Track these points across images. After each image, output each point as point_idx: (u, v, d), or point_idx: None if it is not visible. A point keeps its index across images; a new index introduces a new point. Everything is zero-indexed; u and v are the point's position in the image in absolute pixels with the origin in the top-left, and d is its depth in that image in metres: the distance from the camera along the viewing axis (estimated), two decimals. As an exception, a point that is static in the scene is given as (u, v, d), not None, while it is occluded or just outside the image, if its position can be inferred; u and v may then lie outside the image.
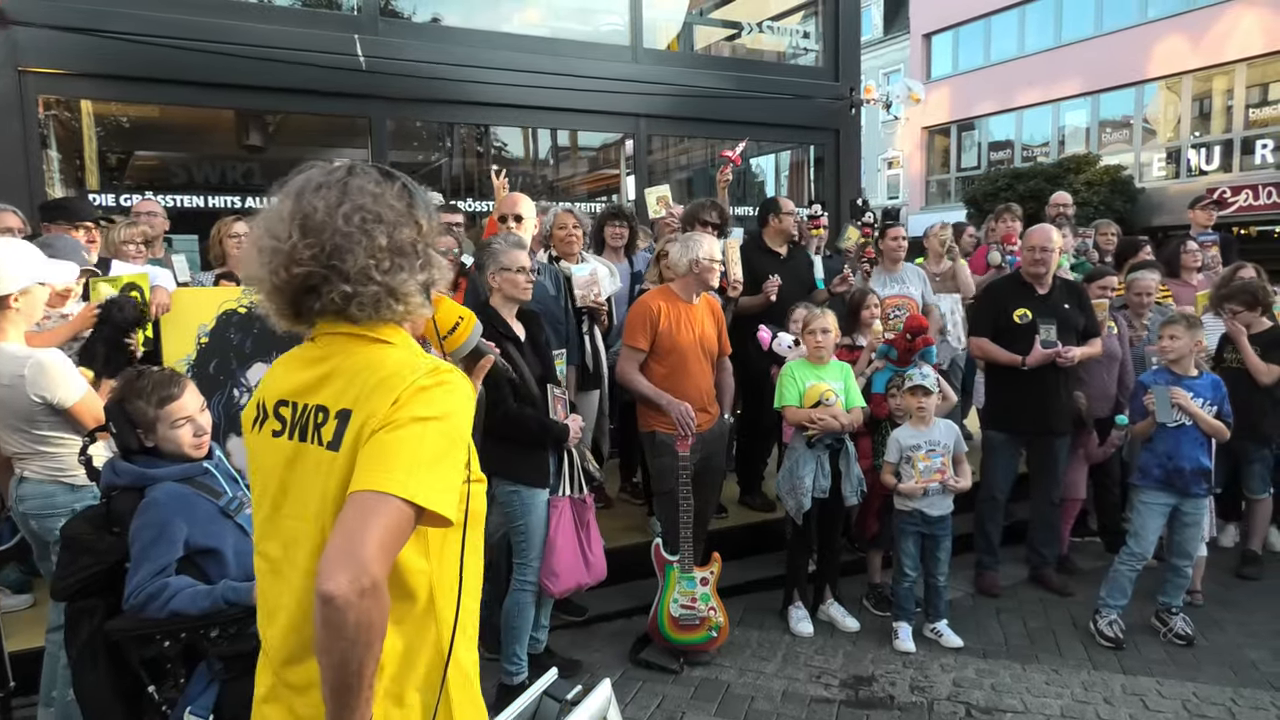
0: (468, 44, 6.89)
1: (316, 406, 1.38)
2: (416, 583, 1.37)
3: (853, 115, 8.67)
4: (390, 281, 1.36)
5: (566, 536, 3.68)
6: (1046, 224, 5.27)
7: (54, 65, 5.59)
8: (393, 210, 1.38)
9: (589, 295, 4.62)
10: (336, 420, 1.34)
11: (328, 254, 1.33)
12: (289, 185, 1.40)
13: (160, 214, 5.23)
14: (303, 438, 1.39)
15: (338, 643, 1.16)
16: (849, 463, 4.35)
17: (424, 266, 1.41)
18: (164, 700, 2.31)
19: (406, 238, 1.38)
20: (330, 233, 1.33)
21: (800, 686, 3.95)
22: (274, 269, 1.36)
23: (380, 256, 1.35)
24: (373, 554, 1.17)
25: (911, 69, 26.95)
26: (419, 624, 1.38)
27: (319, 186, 1.37)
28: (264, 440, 1.46)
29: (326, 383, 1.38)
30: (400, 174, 1.44)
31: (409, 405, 1.29)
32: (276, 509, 1.43)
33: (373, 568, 1.16)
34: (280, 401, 1.44)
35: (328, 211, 1.34)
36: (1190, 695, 3.85)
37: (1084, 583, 4.99)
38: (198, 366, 4.21)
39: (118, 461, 2.46)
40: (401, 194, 1.41)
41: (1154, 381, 4.38)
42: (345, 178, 1.38)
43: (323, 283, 1.34)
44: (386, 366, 1.34)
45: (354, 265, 1.34)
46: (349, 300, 1.35)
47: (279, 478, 1.42)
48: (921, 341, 4.72)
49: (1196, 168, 20.38)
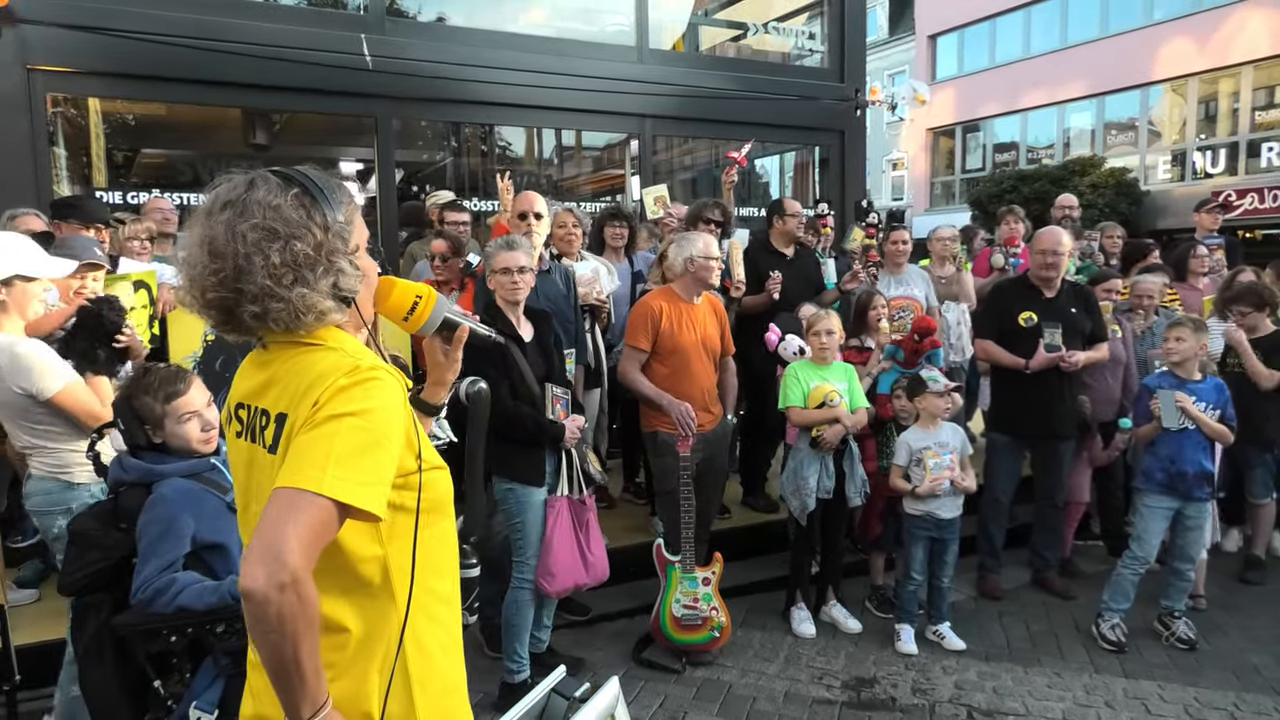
0: (473, 44, 6.90)
1: (261, 410, 1.43)
2: (369, 569, 1.41)
3: (858, 116, 8.66)
4: (290, 296, 1.35)
5: (564, 536, 3.68)
6: (1056, 227, 5.26)
7: (62, 63, 5.61)
8: (287, 223, 1.36)
9: (590, 293, 4.63)
10: (275, 424, 1.39)
11: (232, 278, 1.35)
12: (203, 204, 1.41)
13: (171, 212, 5.25)
14: (253, 439, 1.45)
15: (267, 635, 1.20)
16: (854, 463, 4.35)
17: (326, 273, 1.38)
18: (170, 695, 2.33)
19: (302, 250, 1.36)
20: (230, 256, 1.34)
21: (802, 688, 3.95)
22: (193, 293, 1.40)
23: (278, 274, 1.34)
24: (290, 548, 1.19)
25: (917, 70, 26.96)
26: (378, 608, 1.42)
27: (224, 205, 1.37)
28: (231, 441, 1.53)
29: (269, 387, 1.42)
30: (302, 175, 1.42)
31: (327, 405, 1.31)
32: (246, 508, 1.50)
33: (290, 561, 1.18)
34: (239, 404, 1.49)
35: (228, 233, 1.35)
36: (1192, 700, 3.85)
37: (1086, 586, 4.99)
38: (204, 363, 4.24)
39: (125, 457, 2.48)
40: (298, 202, 1.38)
41: (1157, 385, 4.38)
42: (245, 193, 1.37)
43: (234, 305, 1.36)
44: (314, 370, 1.37)
45: (255, 286, 1.34)
46: (260, 319, 1.36)
47: (243, 477, 1.49)
48: (929, 343, 4.72)
49: (1202, 170, 20.34)
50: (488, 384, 2.19)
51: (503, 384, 3.49)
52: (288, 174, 1.41)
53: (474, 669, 4.04)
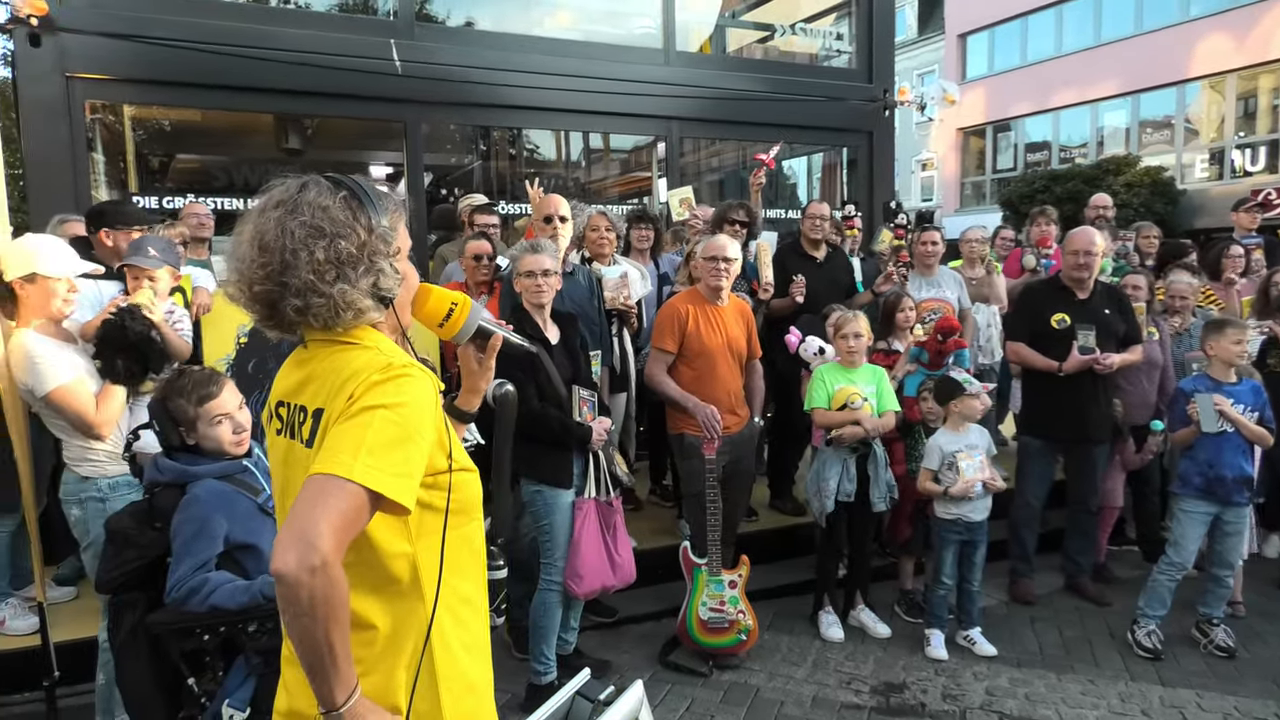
0: (501, 48, 6.94)
1: (299, 406, 1.48)
2: (398, 566, 1.43)
3: (886, 117, 8.59)
4: (332, 292, 1.40)
5: (591, 538, 3.69)
6: (1089, 227, 5.18)
7: (100, 71, 5.72)
8: (334, 222, 1.41)
9: (619, 297, 4.63)
10: (312, 419, 1.44)
11: (278, 272, 1.39)
12: (256, 204, 1.46)
13: (207, 217, 5.33)
14: (291, 435, 1.50)
15: (298, 618, 1.22)
16: (877, 468, 4.31)
17: (367, 273, 1.43)
18: (203, 692, 2.36)
19: (346, 248, 1.41)
20: (278, 250, 1.39)
21: (830, 692, 3.93)
22: (241, 287, 1.44)
23: (322, 270, 1.39)
24: (321, 532, 1.21)
25: (946, 70, 26.71)
26: (405, 606, 1.44)
27: (277, 204, 1.43)
28: (271, 439, 1.58)
29: (307, 384, 1.47)
30: (351, 181, 1.47)
31: (361, 398, 1.35)
32: (282, 503, 1.56)
33: (321, 545, 1.20)
34: (279, 402, 1.54)
35: (278, 229, 1.40)
36: (1232, 709, 3.77)
37: (1121, 592, 4.91)
38: (237, 366, 4.30)
39: (160, 459, 2.52)
40: (346, 204, 1.43)
41: (1194, 388, 4.30)
42: (297, 194, 1.43)
43: (278, 299, 1.41)
44: (350, 367, 1.41)
45: (299, 280, 1.39)
46: (301, 314, 1.41)
47: (281, 474, 1.55)
48: (953, 344, 4.67)
49: (1241, 169, 19.95)
50: (515, 386, 2.20)
51: (530, 386, 3.50)
52: (338, 178, 1.47)
53: (502, 670, 4.05)
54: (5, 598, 4.03)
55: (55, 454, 3.81)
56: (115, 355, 3.08)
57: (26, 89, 5.55)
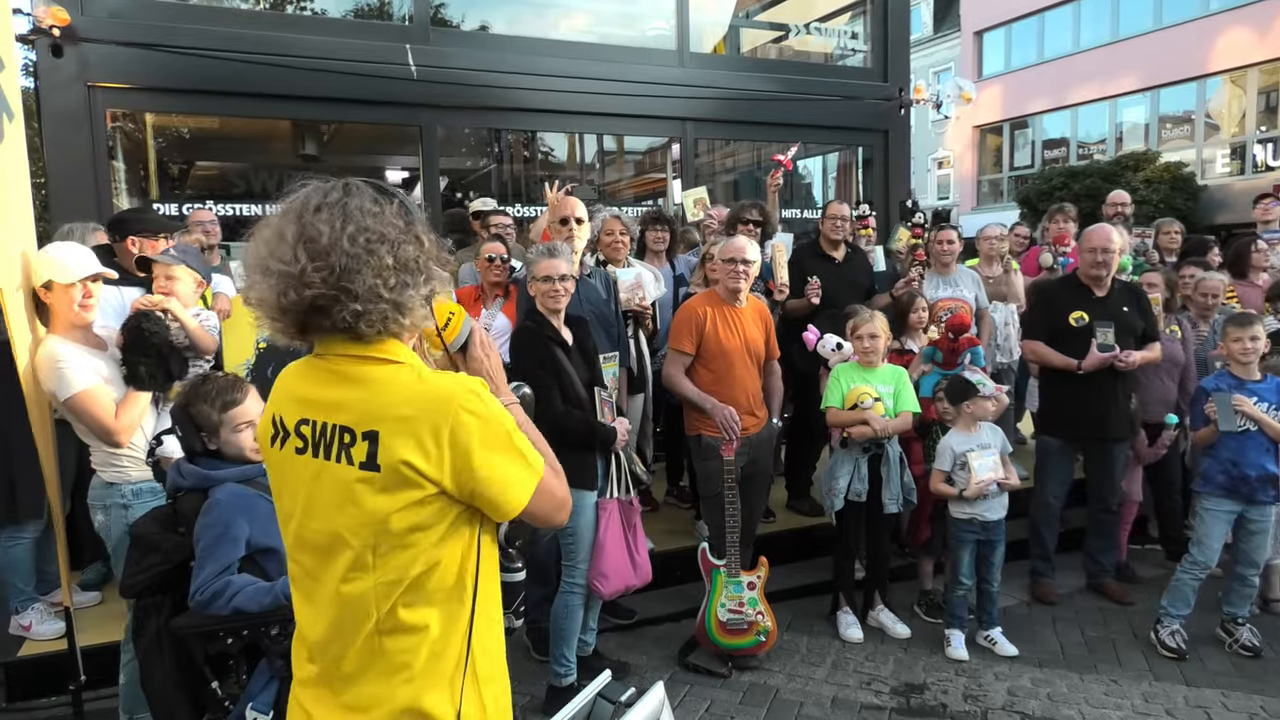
0: (516, 51, 6.97)
1: (341, 427, 1.43)
2: (451, 570, 1.46)
3: (902, 116, 8.56)
4: (398, 298, 1.41)
5: (615, 538, 3.70)
6: (1106, 224, 5.14)
7: (121, 80, 5.79)
8: (394, 229, 1.43)
9: (633, 299, 4.63)
10: (365, 441, 1.40)
11: (337, 276, 1.37)
12: (287, 207, 1.43)
13: (213, 224, 5.36)
14: (326, 456, 1.44)
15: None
16: (889, 470, 4.29)
17: (426, 280, 1.46)
18: (226, 695, 2.38)
19: (410, 254, 1.43)
20: (338, 255, 1.37)
21: (850, 693, 3.91)
22: (282, 291, 1.39)
23: (387, 275, 1.40)
24: (563, 515, 1.66)
25: (962, 67, 26.55)
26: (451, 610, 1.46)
27: (318, 208, 1.40)
28: (288, 457, 1.51)
29: (348, 404, 1.43)
30: (396, 191, 1.49)
31: (480, 428, 1.41)
32: (303, 525, 1.50)
33: (567, 516, 1.70)
34: (302, 420, 1.48)
35: (333, 234, 1.38)
36: (1258, 709, 3.73)
37: (1144, 591, 4.87)
38: (256, 370, 4.33)
39: (183, 464, 2.55)
40: (400, 212, 1.45)
41: (1215, 386, 4.25)
42: (343, 198, 1.41)
43: (332, 303, 1.38)
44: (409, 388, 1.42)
45: (363, 285, 1.38)
46: (359, 318, 1.39)
47: (305, 493, 1.48)
48: (965, 342, 4.64)
49: (1263, 163, 19.71)
50: (539, 388, 2.22)
51: (553, 388, 3.52)
52: (382, 186, 1.47)
53: (521, 672, 4.09)
54: (31, 603, 4.08)
55: (77, 460, 3.87)
56: (138, 361, 3.10)
57: (48, 98, 5.62)
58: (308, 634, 1.53)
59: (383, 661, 1.44)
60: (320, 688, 1.50)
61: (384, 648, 1.43)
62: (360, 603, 1.43)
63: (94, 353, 3.15)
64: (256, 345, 4.40)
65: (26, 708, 3.75)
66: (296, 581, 1.56)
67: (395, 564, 1.41)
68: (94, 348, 3.18)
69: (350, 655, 1.45)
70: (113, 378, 3.13)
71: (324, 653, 1.49)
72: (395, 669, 1.43)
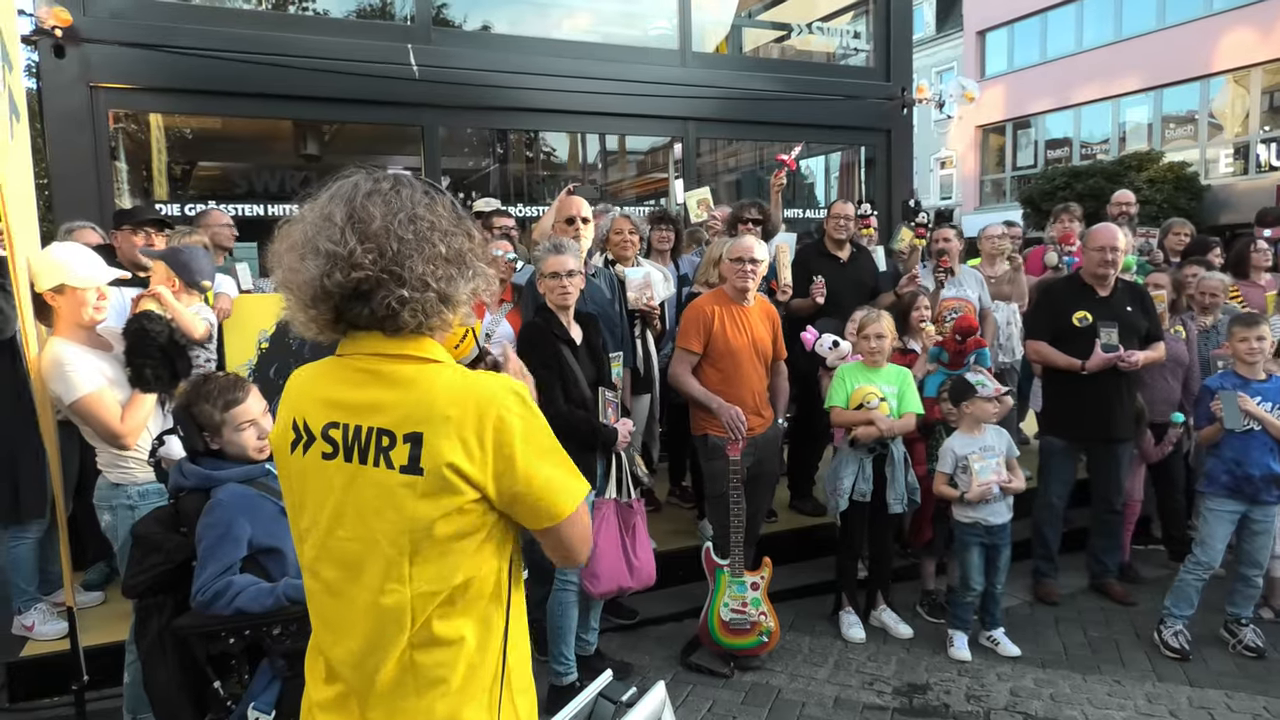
0: (518, 51, 6.97)
1: (379, 430, 1.38)
2: (488, 584, 1.43)
3: (904, 115, 8.55)
4: (446, 289, 1.40)
5: (609, 539, 3.69)
6: (1111, 224, 5.12)
7: (123, 80, 5.79)
8: (447, 220, 1.42)
9: (641, 299, 4.63)
10: (407, 444, 1.35)
11: (388, 259, 1.35)
12: (336, 192, 1.40)
13: (229, 226, 5.36)
14: (362, 461, 1.39)
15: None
16: (894, 470, 4.28)
17: (474, 276, 1.45)
18: (229, 696, 2.38)
19: (460, 245, 1.42)
20: (390, 238, 1.35)
21: (852, 693, 3.91)
22: (327, 272, 1.35)
23: (438, 264, 1.38)
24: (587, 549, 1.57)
25: (965, 67, 26.55)
26: (486, 618, 1.43)
27: (369, 194, 1.38)
28: (312, 463, 1.45)
29: (386, 405, 1.38)
30: (445, 191, 1.49)
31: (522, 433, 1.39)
32: (329, 533, 1.44)
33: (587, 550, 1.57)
34: (330, 424, 1.43)
35: (385, 219, 1.36)
36: (1262, 709, 3.72)
37: (1147, 592, 4.86)
38: (258, 371, 4.33)
39: (185, 464, 2.55)
40: (451, 208, 1.46)
41: (1220, 385, 4.24)
42: (396, 187, 1.40)
43: (377, 287, 1.35)
44: (451, 388, 1.39)
45: (413, 272, 1.36)
46: (404, 305, 1.36)
47: (334, 500, 1.42)
48: (973, 343, 4.63)
49: (1266, 163, 19.68)
50: (542, 387, 2.22)
51: (556, 386, 3.51)
52: (432, 184, 1.47)
53: (523, 672, 4.05)
54: (34, 603, 4.08)
55: (80, 460, 3.87)
56: (143, 363, 3.10)
57: (51, 99, 5.62)
58: (330, 653, 1.47)
59: (418, 677, 1.39)
60: (344, 710, 1.45)
61: (417, 662, 1.39)
62: (395, 615, 1.38)
63: (98, 354, 3.15)
64: (259, 345, 4.40)
65: (29, 708, 3.75)
66: (314, 597, 1.49)
67: (433, 574, 1.37)
68: (98, 349, 3.18)
69: (384, 672, 1.39)
70: (117, 378, 3.13)
71: (356, 670, 1.43)
72: (431, 684, 1.39)
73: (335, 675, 1.47)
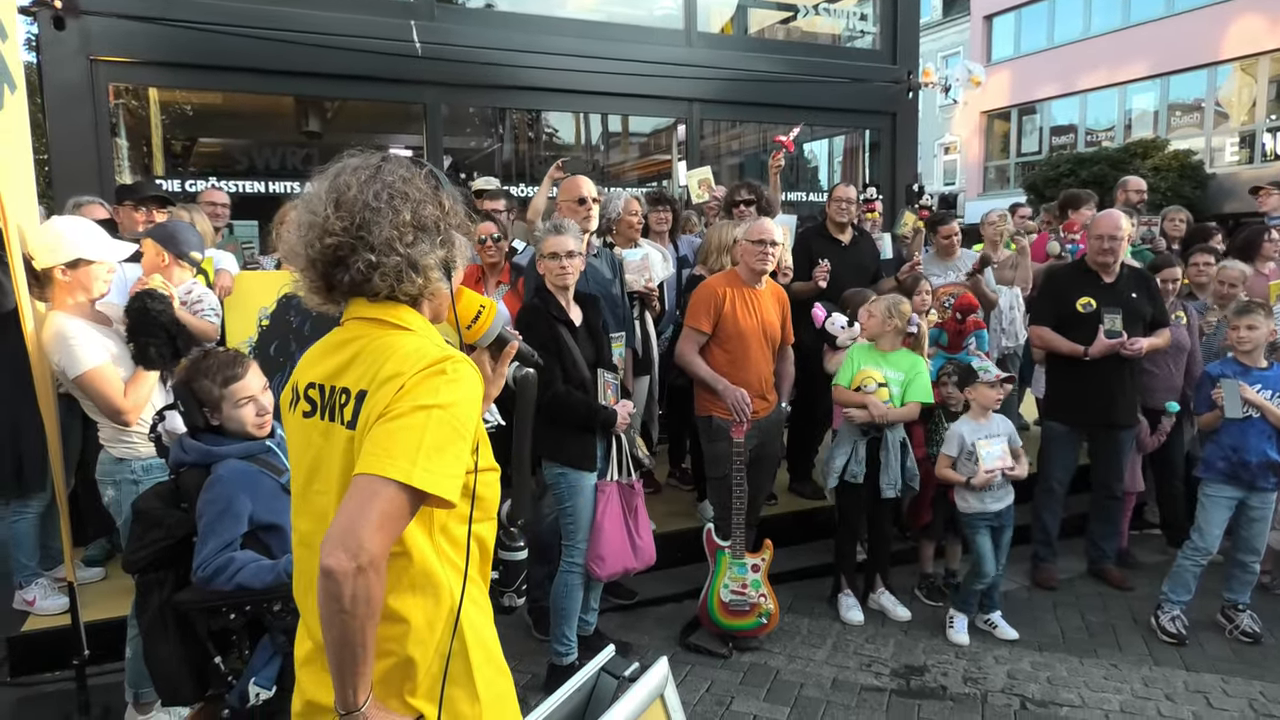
0: (522, 29, 6.92)
1: (341, 389, 1.46)
2: (430, 562, 1.44)
3: (910, 99, 8.50)
4: (411, 254, 1.46)
5: (613, 521, 3.70)
6: (1114, 210, 5.10)
7: (123, 54, 5.75)
8: (418, 190, 1.49)
9: (640, 280, 4.61)
10: (355, 401, 1.43)
11: (356, 226, 1.43)
12: (329, 169, 1.52)
13: (224, 205, 5.33)
14: (330, 417, 1.48)
15: (338, 615, 1.25)
16: (888, 455, 4.26)
17: (444, 244, 1.51)
18: (229, 671, 2.39)
19: (429, 214, 1.49)
20: (360, 207, 1.44)
21: (850, 675, 3.92)
22: (309, 241, 1.47)
23: (404, 230, 1.45)
24: (371, 533, 1.25)
25: (971, 51, 26.36)
26: (433, 599, 1.45)
27: (354, 169, 1.48)
28: (296, 420, 1.56)
29: (351, 366, 1.47)
30: (430, 165, 1.56)
31: (413, 393, 1.35)
32: (307, 485, 1.52)
33: (370, 546, 1.24)
34: (310, 385, 1.53)
35: (359, 189, 1.45)
36: (1257, 694, 3.74)
37: (1144, 577, 4.87)
38: (258, 348, 4.32)
39: (185, 439, 2.55)
40: (428, 179, 1.52)
41: (1220, 373, 4.24)
42: (379, 164, 1.49)
43: (350, 253, 1.44)
44: (399, 352, 1.41)
45: (379, 236, 1.43)
46: (373, 269, 1.44)
47: (311, 456, 1.51)
48: (972, 323, 4.63)
49: (1272, 152, 19.56)
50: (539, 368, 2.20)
51: (555, 368, 3.50)
52: (418, 159, 1.55)
53: (523, 651, 4.11)
54: (35, 578, 4.09)
55: (82, 435, 3.87)
56: (147, 342, 3.10)
57: (51, 72, 5.58)
58: (304, 606, 1.55)
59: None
60: (316, 665, 1.49)
61: None
62: None
63: (101, 329, 3.14)
64: (259, 322, 4.39)
65: (30, 682, 3.77)
66: (295, 548, 1.58)
67: None
68: (100, 323, 3.17)
69: None
70: (119, 354, 3.12)
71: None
72: (380, 655, 1.40)
73: (310, 631, 1.52)
